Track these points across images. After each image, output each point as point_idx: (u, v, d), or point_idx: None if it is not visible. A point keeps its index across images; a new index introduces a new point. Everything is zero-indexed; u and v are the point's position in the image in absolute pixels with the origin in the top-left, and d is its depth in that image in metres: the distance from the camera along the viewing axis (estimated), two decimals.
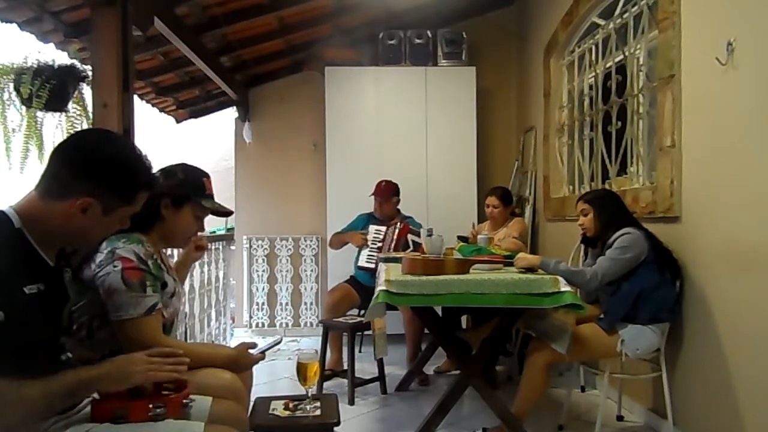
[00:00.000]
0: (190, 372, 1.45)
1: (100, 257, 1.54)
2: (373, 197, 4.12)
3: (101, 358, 1.46)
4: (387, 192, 4.08)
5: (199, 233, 1.97)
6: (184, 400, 1.37)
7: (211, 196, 1.82)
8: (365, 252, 4.01)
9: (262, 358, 1.80)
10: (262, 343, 1.88)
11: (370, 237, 4.01)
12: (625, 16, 3.29)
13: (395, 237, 3.85)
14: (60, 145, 1.37)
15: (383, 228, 4.00)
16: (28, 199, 1.28)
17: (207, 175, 1.84)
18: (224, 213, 1.86)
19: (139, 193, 1.35)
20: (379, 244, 3.94)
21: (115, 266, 1.52)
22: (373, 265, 3.87)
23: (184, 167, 1.80)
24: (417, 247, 3.67)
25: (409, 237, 3.80)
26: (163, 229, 1.72)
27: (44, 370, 1.18)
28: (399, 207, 4.18)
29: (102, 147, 1.32)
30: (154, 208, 1.68)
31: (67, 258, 1.40)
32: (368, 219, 4.16)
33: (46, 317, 1.26)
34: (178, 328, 1.89)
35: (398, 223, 3.92)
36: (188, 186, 1.75)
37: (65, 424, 1.27)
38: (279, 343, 1.96)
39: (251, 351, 1.78)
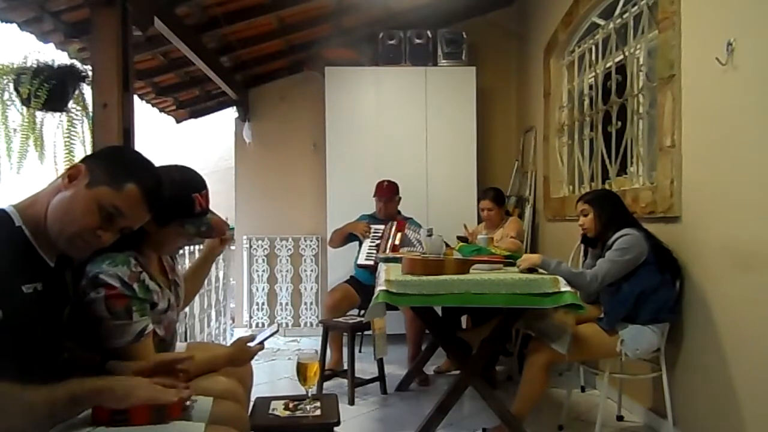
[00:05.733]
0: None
1: (83, 282, 1.45)
2: (375, 198, 4.12)
3: (102, 359, 1.46)
4: (390, 191, 4.09)
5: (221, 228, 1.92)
6: (185, 402, 1.37)
7: (202, 213, 1.65)
8: (364, 250, 4.02)
9: (261, 349, 1.79)
10: (259, 335, 1.87)
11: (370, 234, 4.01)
12: (625, 16, 3.29)
13: (392, 234, 3.85)
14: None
15: (382, 227, 4.00)
16: (33, 198, 1.29)
17: (200, 188, 1.65)
18: (211, 234, 1.69)
19: (127, 181, 1.29)
20: (378, 242, 3.94)
21: (98, 293, 1.43)
22: (372, 262, 3.87)
23: (173, 181, 1.56)
24: (418, 244, 3.68)
25: (409, 234, 3.80)
26: (150, 242, 1.62)
27: (44, 370, 1.18)
28: (399, 207, 4.18)
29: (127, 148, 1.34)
30: None
31: (69, 259, 1.40)
32: (369, 220, 4.16)
33: (45, 317, 1.25)
34: (177, 330, 1.86)
35: (395, 222, 3.92)
36: (174, 206, 1.56)
37: (66, 426, 1.26)
38: (276, 332, 1.93)
39: (249, 344, 1.77)
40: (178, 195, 1.57)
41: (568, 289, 2.39)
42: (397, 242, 3.79)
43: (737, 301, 2.26)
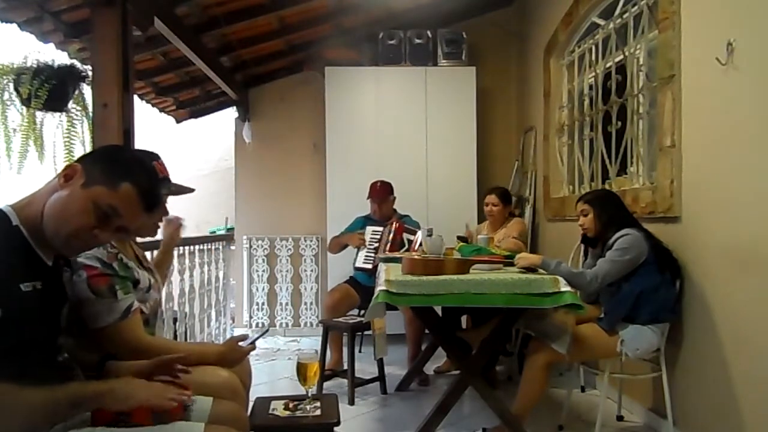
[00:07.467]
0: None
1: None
2: (369, 200, 4.11)
3: (99, 360, 1.46)
4: (384, 192, 4.08)
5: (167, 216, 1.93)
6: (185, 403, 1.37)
7: (166, 178, 1.73)
8: (362, 253, 4.01)
9: (253, 350, 1.80)
10: (251, 335, 1.88)
11: (367, 238, 4.01)
12: (625, 16, 3.29)
13: (390, 238, 3.85)
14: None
15: (380, 229, 4.00)
16: (30, 197, 1.29)
17: (157, 157, 1.74)
18: (181, 193, 1.80)
19: (123, 181, 1.28)
20: (376, 245, 3.94)
21: (79, 276, 1.46)
22: (370, 266, 3.88)
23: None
24: (410, 244, 3.69)
25: (404, 236, 3.80)
26: None
27: (42, 370, 1.18)
28: (395, 206, 4.17)
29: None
30: None
31: (66, 259, 1.40)
32: (365, 221, 4.15)
33: (43, 316, 1.25)
34: (163, 317, 1.86)
35: (394, 223, 3.92)
36: None
37: (65, 427, 1.26)
38: (267, 332, 1.96)
39: (240, 344, 1.78)
40: None
41: (568, 289, 2.38)
42: (396, 247, 3.79)
43: (737, 301, 2.26)
